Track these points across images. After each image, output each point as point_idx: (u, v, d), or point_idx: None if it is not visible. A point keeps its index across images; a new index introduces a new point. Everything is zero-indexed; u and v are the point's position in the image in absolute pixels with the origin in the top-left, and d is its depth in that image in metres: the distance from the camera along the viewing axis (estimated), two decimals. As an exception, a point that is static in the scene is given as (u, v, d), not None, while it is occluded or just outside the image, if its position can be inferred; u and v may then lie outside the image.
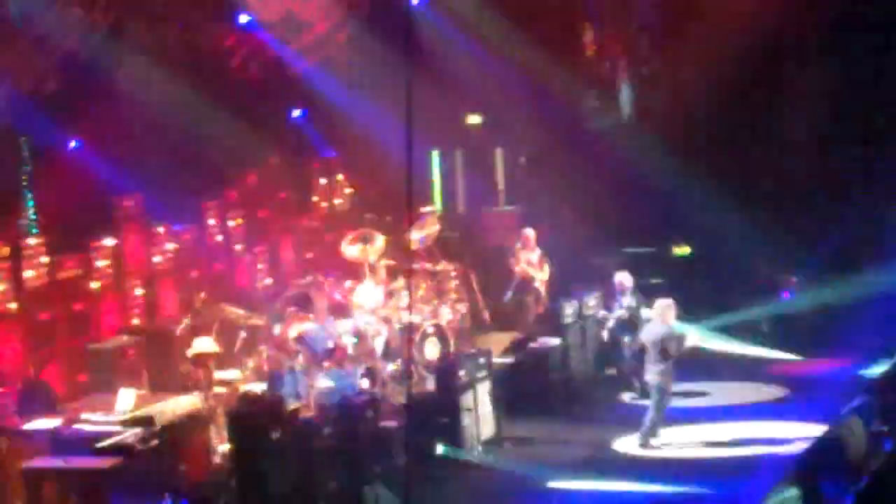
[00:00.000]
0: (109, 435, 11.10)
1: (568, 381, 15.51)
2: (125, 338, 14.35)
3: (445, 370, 13.87)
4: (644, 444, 13.31)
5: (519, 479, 12.67)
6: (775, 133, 19.49)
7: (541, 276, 16.86)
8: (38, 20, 14.03)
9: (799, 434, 12.97)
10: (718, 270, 18.35)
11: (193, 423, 11.89)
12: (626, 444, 13.51)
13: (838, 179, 18.34)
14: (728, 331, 16.96)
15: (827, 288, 16.78)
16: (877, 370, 13.76)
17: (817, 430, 12.48)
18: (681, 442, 13.51)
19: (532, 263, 16.83)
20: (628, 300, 15.45)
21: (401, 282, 15.43)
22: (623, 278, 15.54)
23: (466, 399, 13.50)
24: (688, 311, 17.10)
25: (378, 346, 14.81)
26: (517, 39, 18.96)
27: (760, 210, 18.40)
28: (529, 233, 17.00)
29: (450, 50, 18.07)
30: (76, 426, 11.40)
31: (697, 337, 13.66)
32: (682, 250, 19.52)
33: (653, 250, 18.45)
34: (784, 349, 16.52)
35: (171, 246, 16.00)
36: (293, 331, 14.18)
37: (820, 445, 11.34)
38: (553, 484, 12.37)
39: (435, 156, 20.53)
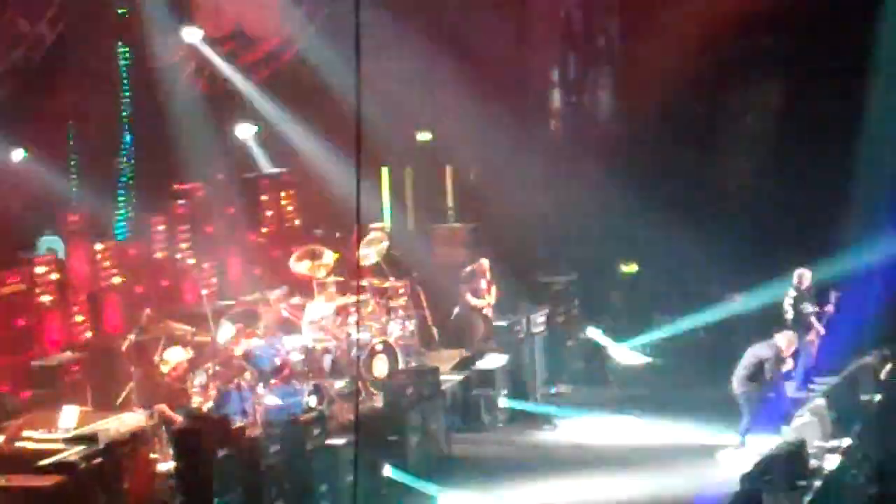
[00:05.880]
0: (52, 453, 10.95)
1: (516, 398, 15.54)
2: (69, 354, 14.20)
3: (394, 387, 13.83)
4: None
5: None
6: (722, 151, 19.67)
7: (487, 301, 16.80)
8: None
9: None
10: (664, 287, 18.46)
11: (137, 440, 11.76)
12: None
13: (786, 196, 18.51)
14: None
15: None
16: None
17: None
18: None
19: (479, 291, 16.74)
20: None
21: (349, 298, 15.36)
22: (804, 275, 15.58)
23: (415, 416, 13.47)
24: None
25: (326, 363, 14.73)
26: (467, 54, 19.01)
27: (707, 228, 18.53)
28: (485, 263, 16.87)
29: (399, 65, 18.06)
30: (18, 443, 11.24)
31: None
32: (630, 268, 19.62)
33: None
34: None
35: (116, 261, 15.84)
36: (240, 347, 14.07)
37: (777, 452, 11.45)
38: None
39: (385, 172, 20.50)
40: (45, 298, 14.73)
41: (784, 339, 13.74)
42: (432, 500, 12.63)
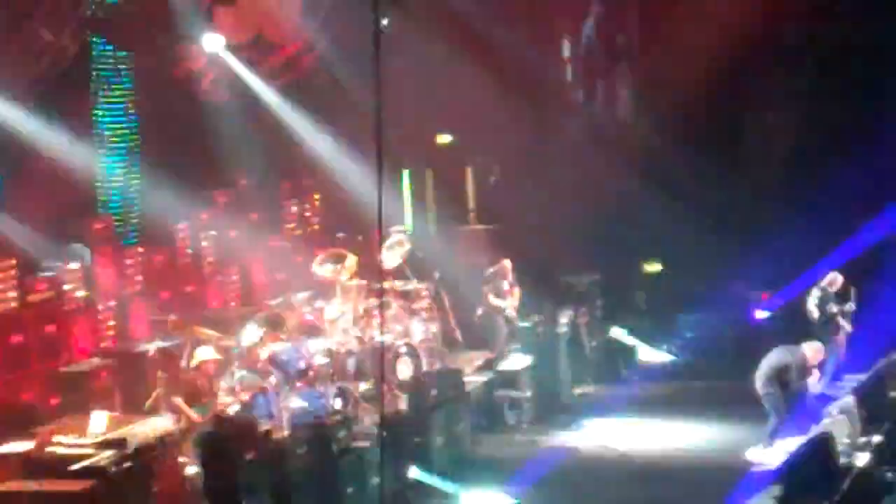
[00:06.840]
0: (82, 458, 11.06)
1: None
2: (97, 360, 14.31)
3: (418, 389, 13.89)
4: None
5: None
6: (746, 149, 19.68)
7: (510, 302, 16.85)
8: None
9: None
10: (688, 286, 18.46)
11: (166, 444, 11.84)
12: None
13: (811, 193, 18.48)
14: None
15: None
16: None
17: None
18: None
19: (501, 292, 16.79)
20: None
21: (372, 301, 15.44)
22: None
23: (439, 418, 13.52)
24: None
25: (350, 365, 14.80)
26: (487, 55, 19.06)
27: (731, 225, 18.54)
28: (507, 264, 16.95)
29: (419, 68, 18.12)
30: (49, 449, 11.34)
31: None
32: (653, 267, 19.63)
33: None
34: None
35: (142, 267, 15.95)
36: (265, 351, 14.16)
37: (805, 450, 11.44)
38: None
39: (405, 175, 20.57)
40: (73, 306, 14.85)
41: (810, 350, 13.44)
42: (457, 501, 12.67)
